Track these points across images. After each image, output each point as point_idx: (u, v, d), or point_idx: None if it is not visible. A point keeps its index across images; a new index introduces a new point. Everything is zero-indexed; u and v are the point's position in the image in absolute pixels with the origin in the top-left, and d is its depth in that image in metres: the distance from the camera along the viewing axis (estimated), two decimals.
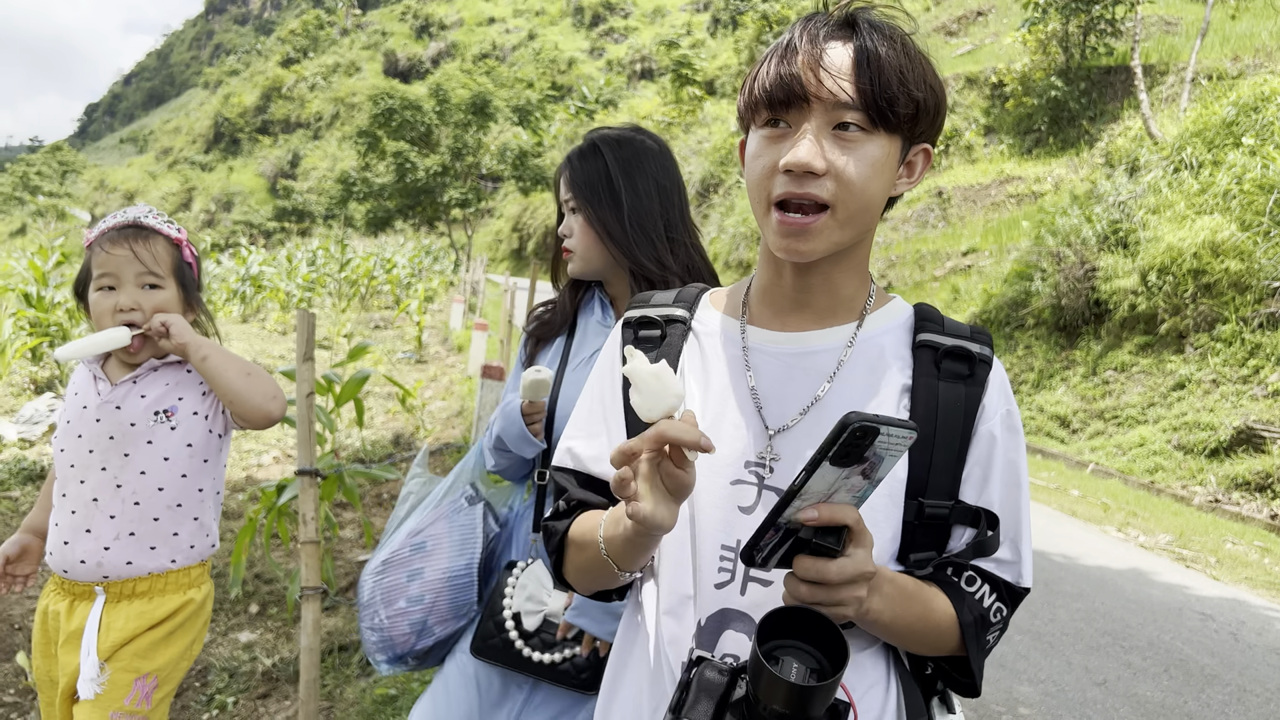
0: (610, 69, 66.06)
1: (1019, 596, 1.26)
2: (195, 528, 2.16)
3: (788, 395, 1.24)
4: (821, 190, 1.12)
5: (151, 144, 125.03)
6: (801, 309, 1.27)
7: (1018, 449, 1.25)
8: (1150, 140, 15.14)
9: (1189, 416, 10.70)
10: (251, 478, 7.10)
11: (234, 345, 13.99)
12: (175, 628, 2.13)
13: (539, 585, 1.90)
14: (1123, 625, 5.17)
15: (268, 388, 2.10)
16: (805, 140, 1.11)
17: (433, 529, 2.09)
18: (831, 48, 1.13)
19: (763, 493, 1.21)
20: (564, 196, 2.00)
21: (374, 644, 2.07)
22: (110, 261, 2.06)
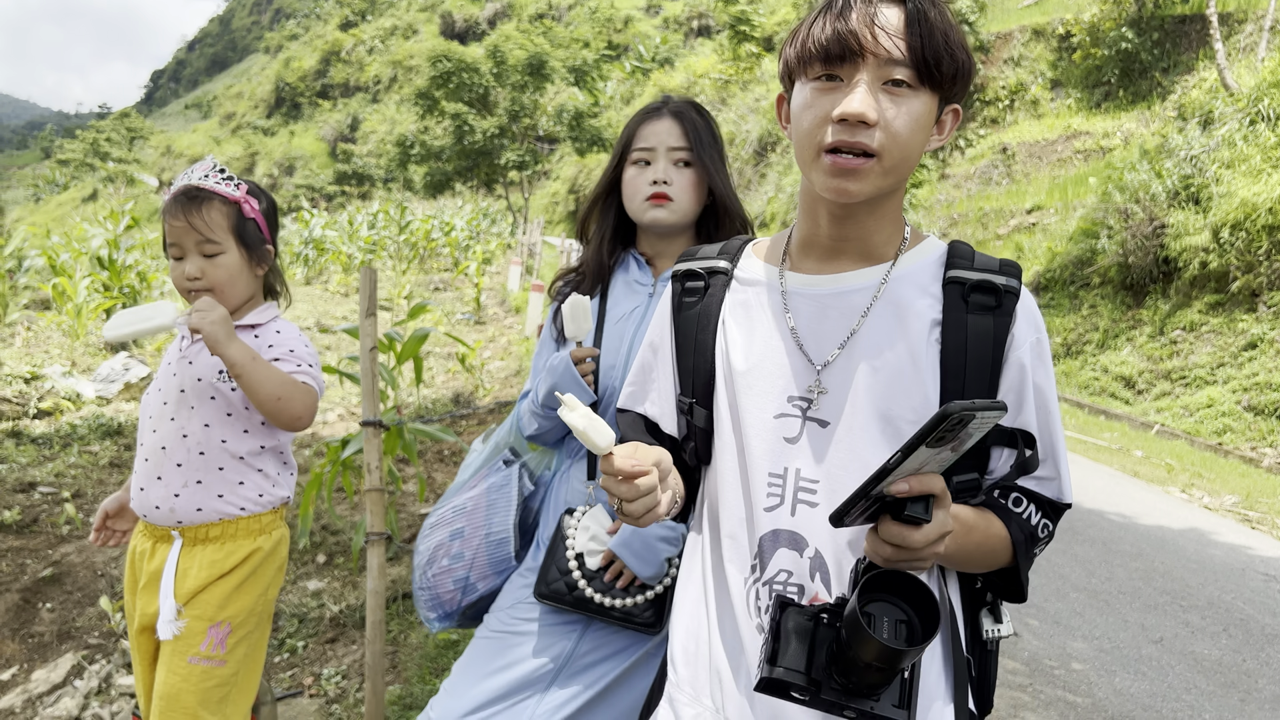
0: (667, 26, 65.36)
1: (1061, 510, 1.35)
2: (260, 479, 2.25)
3: (824, 333, 1.34)
4: (871, 139, 1.20)
5: (215, 109, 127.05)
6: (838, 255, 1.36)
7: (1047, 375, 1.32)
8: (1225, 91, 14.63)
9: (1260, 377, 10.44)
10: (317, 434, 7.30)
11: (298, 307, 14.30)
12: (246, 576, 2.21)
13: (601, 527, 1.95)
14: (1182, 584, 5.12)
15: (295, 410, 2.12)
16: (860, 91, 1.19)
17: (472, 491, 2.20)
18: (885, 8, 1.21)
19: (806, 424, 1.32)
20: (675, 144, 2.01)
21: (425, 602, 2.19)
22: (173, 232, 2.16)
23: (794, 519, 1.30)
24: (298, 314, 13.64)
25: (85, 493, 5.60)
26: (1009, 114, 22.45)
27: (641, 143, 2.04)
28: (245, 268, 2.21)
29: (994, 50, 23.42)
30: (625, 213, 2.11)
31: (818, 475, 1.30)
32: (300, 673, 3.75)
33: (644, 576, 1.88)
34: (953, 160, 22.13)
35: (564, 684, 1.91)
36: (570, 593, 1.92)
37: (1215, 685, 3.96)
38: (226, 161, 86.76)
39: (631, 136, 2.08)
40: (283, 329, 2.26)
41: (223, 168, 2.22)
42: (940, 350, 1.28)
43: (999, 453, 1.33)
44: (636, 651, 1.94)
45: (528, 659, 1.95)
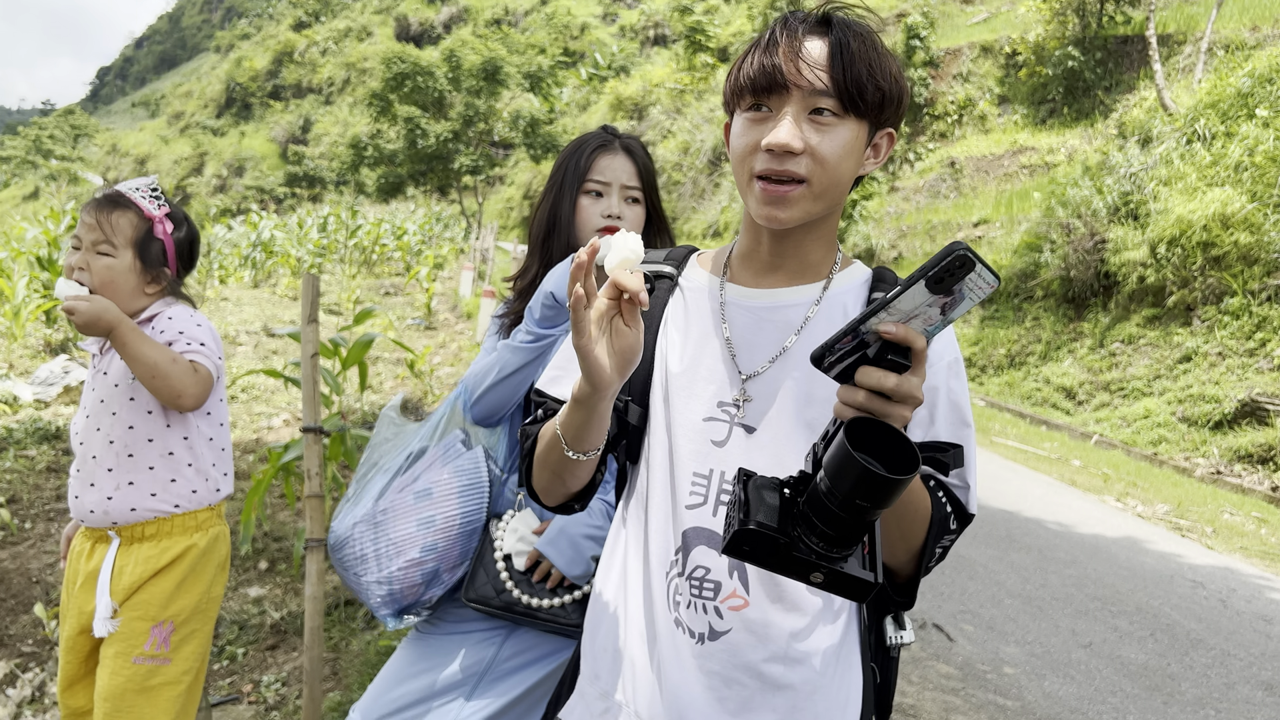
0: (623, 35, 65.54)
1: (966, 520, 1.39)
2: (192, 474, 2.31)
3: (758, 344, 1.39)
4: (799, 167, 1.26)
5: (163, 108, 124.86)
6: (775, 270, 1.42)
7: (962, 392, 1.38)
8: (1163, 111, 15.04)
9: (1194, 389, 10.74)
10: (261, 440, 7.23)
11: (245, 310, 14.12)
12: (185, 574, 2.26)
13: (528, 528, 1.99)
14: (1113, 591, 5.27)
15: (175, 386, 2.15)
16: (785, 123, 1.26)
17: (433, 474, 2.09)
18: (809, 41, 1.27)
19: (733, 429, 1.37)
20: (628, 182, 2.13)
21: (382, 598, 2.05)
22: (81, 225, 2.27)
23: (715, 519, 1.34)
24: (245, 317, 13.48)
25: (21, 498, 5.50)
26: (957, 128, 22.85)
27: (597, 175, 2.12)
28: (132, 279, 2.28)
29: (944, 66, 23.85)
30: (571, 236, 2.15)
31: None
32: (240, 680, 3.73)
33: (571, 576, 1.91)
34: (902, 173, 22.47)
35: (488, 688, 1.94)
36: (498, 595, 1.94)
37: (1140, 689, 4.08)
38: (175, 161, 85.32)
39: (587, 168, 2.14)
40: (174, 314, 2.31)
41: (158, 190, 2.33)
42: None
43: None
44: (560, 657, 1.97)
45: (451, 663, 1.97)
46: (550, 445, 1.38)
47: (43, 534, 5.05)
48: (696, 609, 1.32)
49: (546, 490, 1.48)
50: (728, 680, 1.31)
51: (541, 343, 2.01)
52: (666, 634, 1.34)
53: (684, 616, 1.33)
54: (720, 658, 1.31)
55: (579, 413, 1.29)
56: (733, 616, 1.31)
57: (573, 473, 1.41)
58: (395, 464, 2.18)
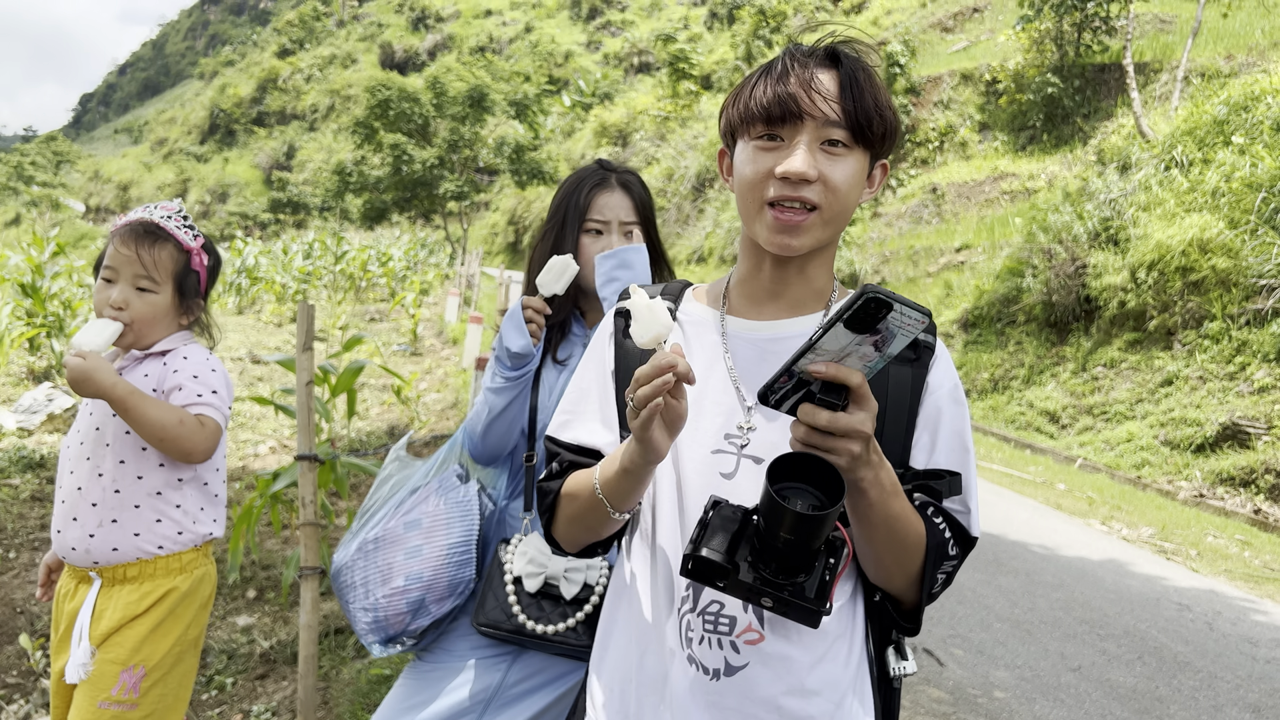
0: (607, 62, 66.03)
1: (969, 544, 1.40)
2: (178, 515, 2.22)
3: (762, 375, 1.37)
4: (812, 194, 1.30)
5: (146, 135, 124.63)
6: (776, 299, 1.44)
7: (963, 419, 1.41)
8: (1141, 138, 15.25)
9: (1176, 413, 10.82)
10: (248, 467, 7.19)
11: (230, 337, 14.07)
12: (162, 618, 2.18)
13: (538, 550, 1.98)
14: (1100, 614, 5.30)
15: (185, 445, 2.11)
16: (800, 151, 1.29)
17: (426, 506, 2.13)
18: (820, 73, 1.31)
19: (741, 460, 1.37)
20: (626, 219, 2.18)
21: (368, 625, 2.08)
22: (116, 257, 2.18)
23: None
24: (230, 344, 13.42)
25: (4, 527, 5.45)
26: (939, 155, 23.09)
27: (596, 214, 2.17)
28: (171, 313, 2.24)
29: (925, 93, 24.12)
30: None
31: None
32: (229, 710, 3.70)
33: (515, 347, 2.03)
34: (884, 199, 22.66)
35: (496, 713, 1.94)
36: (508, 620, 1.94)
37: (1129, 712, 4.10)
38: (158, 187, 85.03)
39: (586, 206, 2.18)
40: (190, 354, 2.25)
41: (186, 214, 2.27)
42: None
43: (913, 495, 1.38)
44: (568, 681, 1.98)
45: (457, 690, 1.97)
46: (589, 507, 1.39)
47: (27, 563, 5.00)
48: (711, 644, 1.31)
49: (574, 542, 1.50)
50: (745, 716, 1.30)
51: (520, 379, 2.07)
52: (679, 671, 1.33)
53: (697, 653, 1.32)
54: (736, 693, 1.30)
55: (628, 481, 1.30)
56: (749, 651, 1.30)
57: (611, 527, 1.43)
58: (396, 497, 2.22)
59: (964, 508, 1.40)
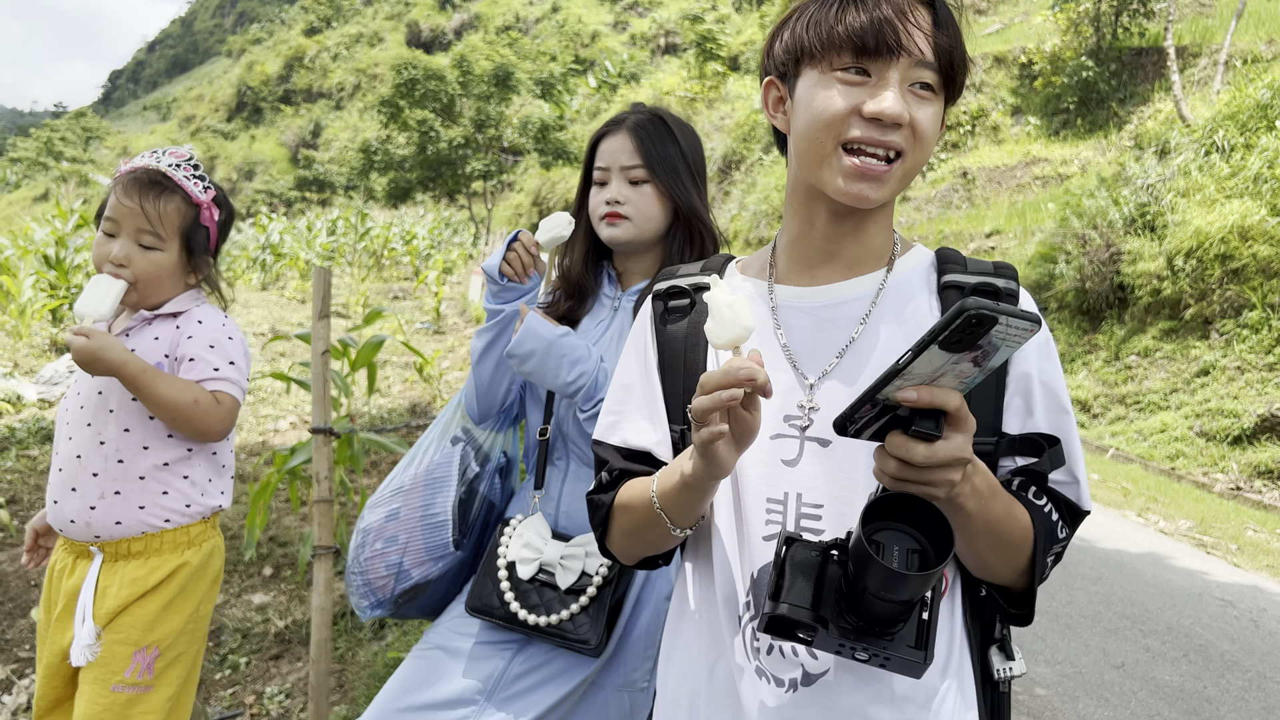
0: (634, 43, 65.60)
1: (1079, 518, 1.25)
2: (186, 486, 2.06)
3: (819, 347, 1.25)
4: (901, 139, 1.14)
5: (174, 111, 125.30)
6: (830, 259, 1.27)
7: (1056, 375, 1.24)
8: (1181, 122, 14.90)
9: (1213, 403, 10.57)
10: (268, 442, 7.11)
11: (253, 312, 14.04)
12: (174, 594, 2.04)
13: (536, 534, 1.87)
14: (1141, 609, 5.11)
15: (200, 424, 1.98)
16: (894, 91, 1.13)
17: (410, 469, 2.07)
18: (916, 7, 1.15)
19: (805, 444, 1.22)
20: (627, 162, 1.95)
21: (357, 589, 2.04)
22: (118, 209, 1.99)
23: None
24: (253, 319, 13.39)
25: (21, 499, 5.39)
26: (970, 139, 22.73)
27: (599, 161, 2.00)
28: (178, 271, 2.07)
29: None
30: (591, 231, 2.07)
31: (821, 498, 1.20)
32: (242, 691, 3.60)
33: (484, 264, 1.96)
34: (914, 183, 22.35)
35: (501, 705, 1.80)
36: (501, 606, 1.82)
37: (1178, 713, 3.93)
38: None
39: (591, 154, 2.04)
40: (205, 318, 2.09)
41: (197, 163, 2.07)
42: None
43: (1009, 463, 1.23)
44: (575, 678, 1.83)
45: (457, 677, 1.84)
46: (647, 522, 1.25)
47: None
48: (783, 653, 1.16)
49: (630, 556, 1.36)
50: None
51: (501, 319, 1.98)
52: (749, 687, 1.18)
53: (767, 664, 1.17)
54: (818, 705, 1.15)
55: (689, 495, 1.16)
56: (829, 656, 1.15)
57: (672, 543, 1.29)
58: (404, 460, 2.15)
59: (1070, 478, 1.23)
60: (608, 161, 1.98)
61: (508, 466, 2.14)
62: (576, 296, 2.05)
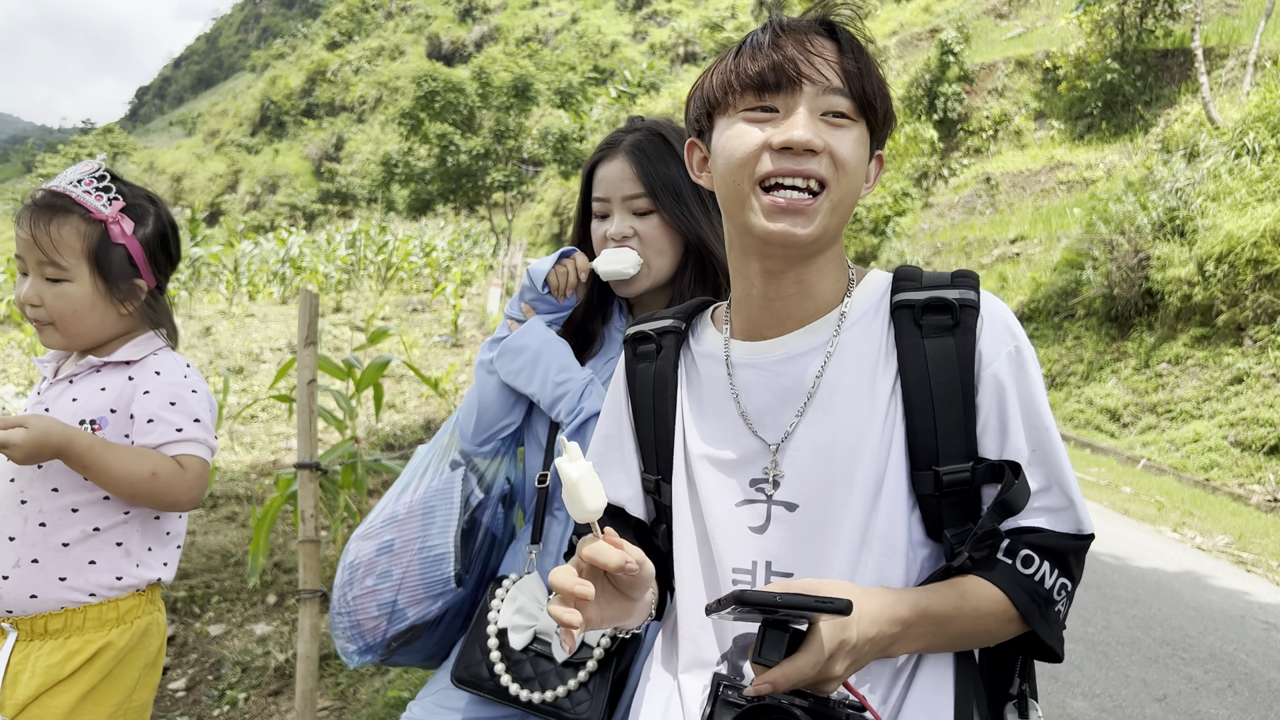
0: (653, 52, 65.57)
1: (1084, 544, 1.14)
2: (118, 556, 1.77)
3: (780, 406, 1.19)
4: (819, 167, 1.09)
5: (199, 126, 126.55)
6: (778, 319, 1.21)
7: (1032, 386, 1.14)
8: (1210, 125, 14.59)
9: (1247, 412, 10.28)
10: (278, 461, 7.00)
11: (271, 326, 14.00)
12: (94, 683, 1.73)
13: (531, 598, 1.66)
14: (1182, 634, 4.88)
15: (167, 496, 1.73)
16: (801, 118, 1.08)
17: (406, 496, 1.86)
18: (817, 39, 1.13)
19: (772, 508, 1.17)
20: (629, 192, 1.73)
21: (343, 631, 1.81)
22: (19, 243, 1.74)
23: None
24: (270, 334, 13.33)
25: None
26: (992, 144, 22.45)
27: (597, 190, 1.79)
28: (100, 303, 1.77)
29: (978, 80, 23.46)
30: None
31: (792, 566, 1.15)
32: None
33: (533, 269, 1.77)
34: (936, 189, 22.09)
35: None
36: (489, 679, 1.61)
37: None
38: (210, 179, 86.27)
39: (588, 184, 1.82)
40: (164, 367, 1.82)
41: (104, 174, 1.79)
42: (902, 388, 1.12)
43: (991, 493, 1.13)
44: None
45: None
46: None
47: None
48: None
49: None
50: None
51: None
52: None
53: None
54: None
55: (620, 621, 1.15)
56: None
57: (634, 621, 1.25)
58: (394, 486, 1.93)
59: (1063, 501, 1.13)
60: (607, 191, 1.76)
61: (511, 495, 1.94)
62: (582, 338, 1.86)
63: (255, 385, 9.94)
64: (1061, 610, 1.13)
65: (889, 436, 1.11)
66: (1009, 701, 1.20)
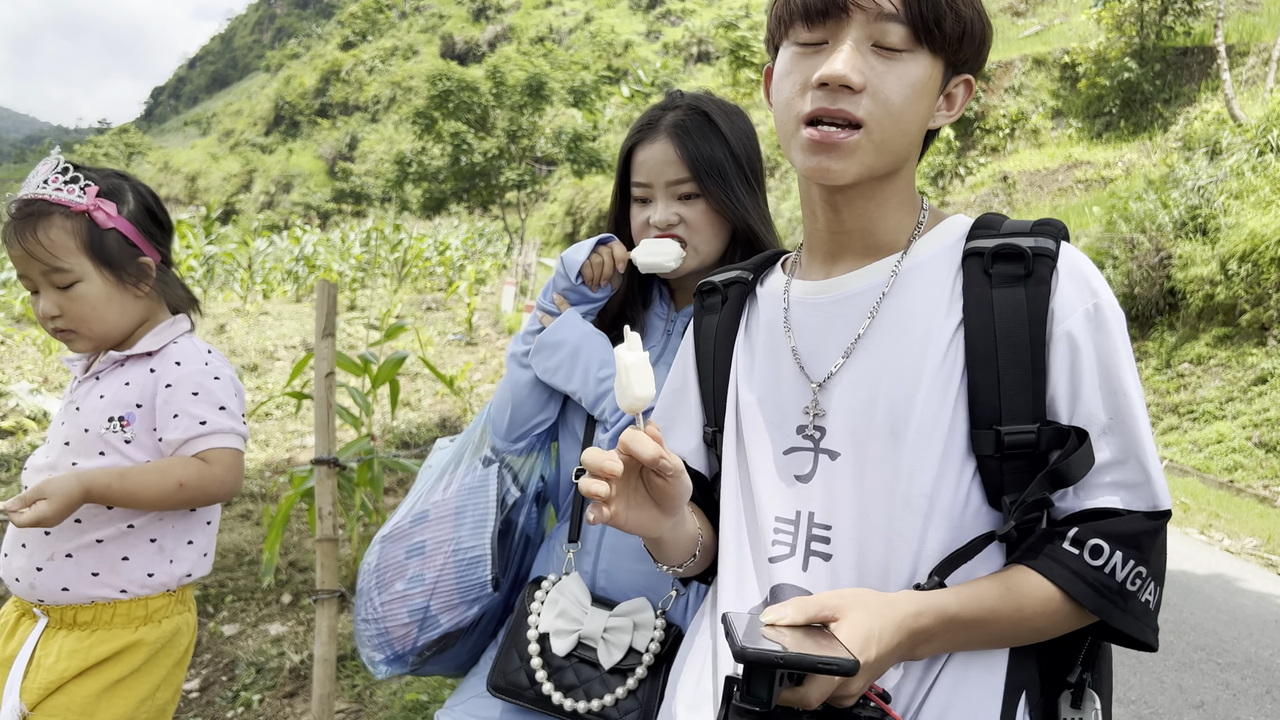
0: (667, 52, 65.45)
1: (1159, 525, 1.03)
2: (153, 552, 1.75)
3: (827, 346, 1.14)
4: (856, 107, 1.02)
5: (214, 126, 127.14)
6: (842, 252, 1.16)
7: (1113, 348, 1.03)
8: (1233, 122, 14.42)
9: (1271, 413, 10.14)
10: (293, 459, 6.94)
11: (285, 324, 13.96)
12: (120, 677, 1.72)
13: (573, 600, 1.55)
14: (1216, 639, 4.77)
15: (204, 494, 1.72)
16: (844, 51, 1.01)
17: (436, 495, 1.76)
18: None
19: (819, 456, 1.10)
20: (674, 177, 1.61)
21: (369, 639, 1.72)
22: (16, 262, 1.71)
23: (806, 574, 1.08)
24: (284, 331, 13.30)
25: None
26: (1009, 142, 22.28)
27: (637, 175, 1.66)
28: (115, 292, 1.74)
29: (995, 79, 23.29)
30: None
31: (830, 519, 1.07)
32: None
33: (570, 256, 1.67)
34: (953, 188, 21.94)
35: None
36: (531, 687, 1.52)
37: None
38: (224, 178, 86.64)
39: (627, 168, 1.70)
40: (185, 357, 1.79)
41: (66, 166, 1.73)
42: (964, 339, 1.05)
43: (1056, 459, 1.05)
44: None
45: None
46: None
47: None
48: None
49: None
50: None
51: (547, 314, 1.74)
52: None
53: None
54: None
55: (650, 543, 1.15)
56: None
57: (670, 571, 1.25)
58: (420, 484, 1.84)
59: (1140, 475, 1.02)
60: (648, 176, 1.64)
61: (545, 494, 1.84)
62: (619, 327, 1.74)
63: (270, 383, 9.90)
64: (1150, 600, 1.04)
65: (944, 388, 1.03)
66: (1065, 690, 1.09)
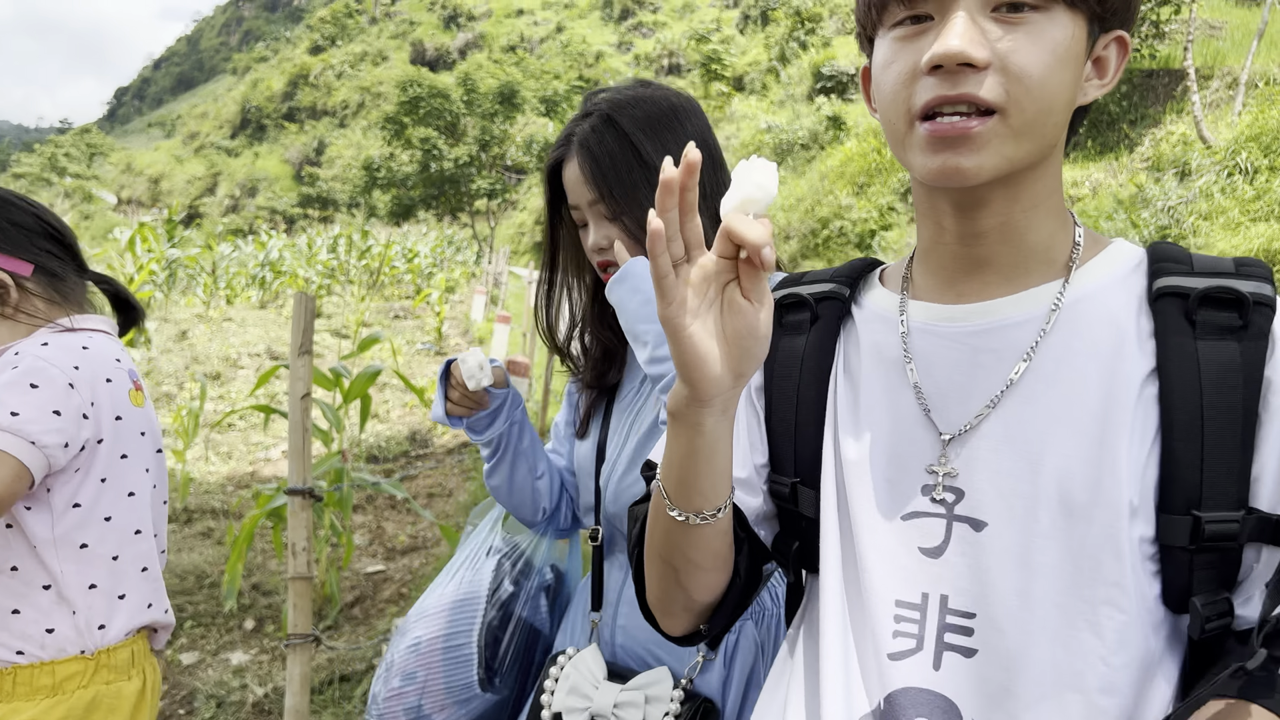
0: (638, 63, 65.57)
1: None
2: (51, 604, 1.45)
3: (965, 388, 0.89)
4: (982, 88, 0.80)
5: (179, 128, 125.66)
6: (978, 269, 0.91)
7: None
8: (1202, 144, 14.60)
9: None
10: (257, 473, 6.73)
11: (249, 331, 13.70)
12: None
13: (586, 675, 1.43)
14: None
15: None
16: (957, 23, 0.79)
17: (437, 591, 1.65)
18: None
19: (953, 526, 0.86)
20: (590, 198, 1.41)
21: None
22: None
23: (939, 674, 0.84)
24: (248, 339, 13.03)
25: None
26: None
27: (569, 197, 1.46)
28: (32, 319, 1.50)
29: None
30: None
31: (971, 604, 0.84)
32: None
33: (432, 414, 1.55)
34: None
35: None
36: None
37: None
38: (188, 181, 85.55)
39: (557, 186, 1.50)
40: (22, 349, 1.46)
41: None
42: (1159, 398, 0.82)
43: (1256, 554, 0.81)
44: None
45: None
46: (655, 514, 0.94)
47: None
48: None
49: (661, 600, 1.00)
50: None
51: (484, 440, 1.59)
52: None
53: None
54: None
55: (678, 438, 0.85)
56: None
57: (688, 559, 0.93)
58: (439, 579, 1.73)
59: None
60: (573, 198, 1.45)
61: (558, 585, 1.71)
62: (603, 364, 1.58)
63: (233, 392, 9.66)
64: None
65: (1134, 456, 0.81)
66: None
